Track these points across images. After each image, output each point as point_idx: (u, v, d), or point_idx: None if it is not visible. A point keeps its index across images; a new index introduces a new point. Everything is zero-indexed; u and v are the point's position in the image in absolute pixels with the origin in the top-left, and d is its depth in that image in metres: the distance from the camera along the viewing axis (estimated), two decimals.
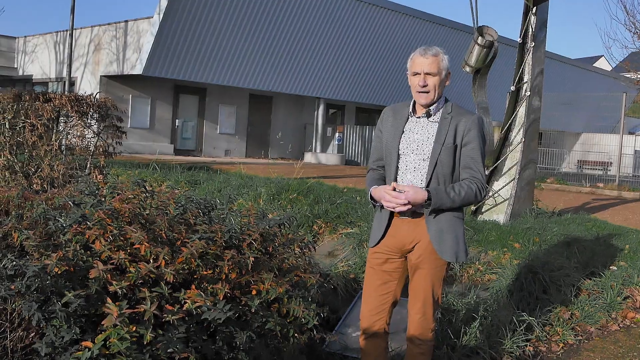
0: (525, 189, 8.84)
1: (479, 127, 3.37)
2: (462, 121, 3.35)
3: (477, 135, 3.35)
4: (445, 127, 3.34)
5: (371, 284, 3.54)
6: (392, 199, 3.24)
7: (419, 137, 3.39)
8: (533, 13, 8.50)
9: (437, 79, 3.31)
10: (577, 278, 6.04)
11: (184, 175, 10.68)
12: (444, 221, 3.34)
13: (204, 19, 20.82)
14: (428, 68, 3.30)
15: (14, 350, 2.64)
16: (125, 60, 21.98)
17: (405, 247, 3.42)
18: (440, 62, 3.32)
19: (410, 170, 3.39)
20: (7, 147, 8.71)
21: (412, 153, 3.39)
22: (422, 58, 3.32)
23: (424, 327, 3.45)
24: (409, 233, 3.39)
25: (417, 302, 3.45)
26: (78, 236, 2.99)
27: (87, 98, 8.84)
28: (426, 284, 3.40)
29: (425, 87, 3.31)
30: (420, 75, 3.32)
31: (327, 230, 7.58)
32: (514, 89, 8.68)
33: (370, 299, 3.53)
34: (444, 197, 3.26)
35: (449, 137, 3.32)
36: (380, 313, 3.50)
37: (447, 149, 3.32)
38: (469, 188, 3.30)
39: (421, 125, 3.42)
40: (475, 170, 3.34)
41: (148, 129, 23.18)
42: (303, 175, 10.77)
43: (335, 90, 26.18)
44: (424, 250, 3.36)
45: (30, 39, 27.36)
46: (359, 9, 24.82)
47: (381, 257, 3.49)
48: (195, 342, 2.90)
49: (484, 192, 3.37)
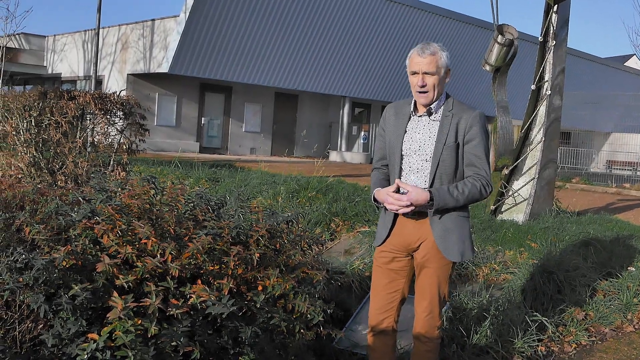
0: (545, 189, 8.79)
1: (481, 123, 3.33)
2: (463, 118, 3.31)
3: (480, 132, 3.31)
4: (447, 125, 3.31)
5: (379, 282, 3.56)
6: (394, 201, 3.24)
7: (421, 137, 3.37)
8: (554, 11, 8.45)
9: (436, 77, 3.28)
10: (593, 278, 6.00)
11: (205, 172, 10.77)
12: (449, 221, 3.33)
13: (229, 18, 20.94)
14: (426, 67, 3.27)
15: (22, 341, 2.71)
16: (151, 58, 22.20)
17: (411, 245, 3.42)
18: (439, 60, 3.28)
19: (413, 171, 3.38)
20: (33, 144, 8.87)
21: (415, 154, 3.38)
22: (419, 57, 3.29)
23: (431, 325, 3.46)
24: (415, 232, 3.39)
25: (423, 300, 3.46)
26: (87, 231, 3.06)
27: (110, 96, 8.97)
28: (432, 282, 3.41)
29: (424, 87, 3.28)
30: (418, 75, 3.29)
31: (344, 229, 7.61)
32: (535, 88, 8.63)
33: (378, 297, 3.55)
34: (446, 196, 3.23)
35: (451, 135, 3.30)
36: (389, 311, 3.53)
37: (448, 148, 3.29)
38: (473, 186, 3.27)
39: (423, 124, 3.40)
40: (479, 167, 3.30)
41: (174, 127, 23.39)
42: (326, 173, 10.80)
43: (361, 89, 26.17)
44: (429, 250, 3.36)
45: (60, 37, 27.74)
46: (386, 7, 24.76)
47: (388, 255, 3.50)
48: (200, 336, 2.95)
49: (489, 189, 3.33)
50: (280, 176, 10.39)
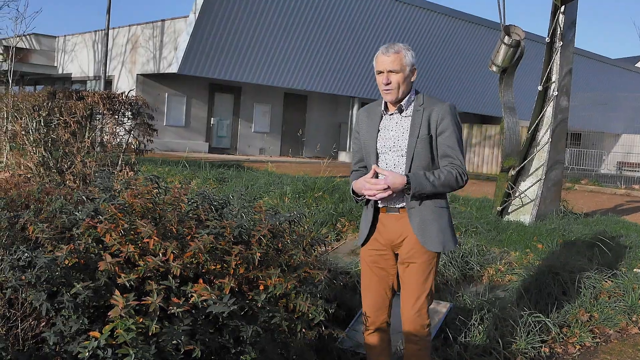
0: (551, 190, 8.77)
1: (452, 114, 3.37)
2: (434, 111, 3.35)
3: (451, 122, 3.35)
4: (419, 119, 3.36)
5: (368, 281, 3.59)
6: (372, 186, 3.29)
7: (394, 134, 3.42)
8: (561, 12, 8.43)
9: (401, 75, 3.34)
10: (599, 280, 5.98)
11: (212, 172, 10.80)
12: (427, 212, 3.35)
13: (239, 18, 20.99)
14: (390, 66, 3.33)
15: (24, 339, 2.74)
16: (161, 59, 22.28)
17: (394, 242, 3.45)
18: (403, 58, 3.35)
19: (390, 167, 3.41)
20: (42, 143, 8.94)
21: (390, 151, 3.42)
22: (384, 56, 3.36)
23: (420, 323, 3.45)
24: (396, 228, 3.42)
25: (410, 298, 3.45)
26: (90, 230, 3.09)
27: (119, 96, 9.01)
28: (418, 279, 3.41)
29: (389, 84, 3.34)
30: (383, 74, 3.36)
31: (350, 229, 7.62)
32: (542, 89, 8.61)
33: (370, 296, 3.58)
34: (423, 181, 3.27)
35: (423, 128, 3.34)
36: (381, 308, 3.56)
37: (422, 140, 3.33)
38: (449, 172, 3.31)
39: (395, 121, 3.44)
40: (454, 157, 3.35)
41: (184, 127, 23.48)
42: (334, 174, 10.82)
43: (370, 90, 26.16)
44: (413, 245, 3.38)
45: (70, 38, 27.89)
46: (395, 8, 24.76)
47: (373, 254, 3.53)
48: (201, 335, 2.97)
49: (465, 178, 3.37)
50: (287, 176, 10.42)
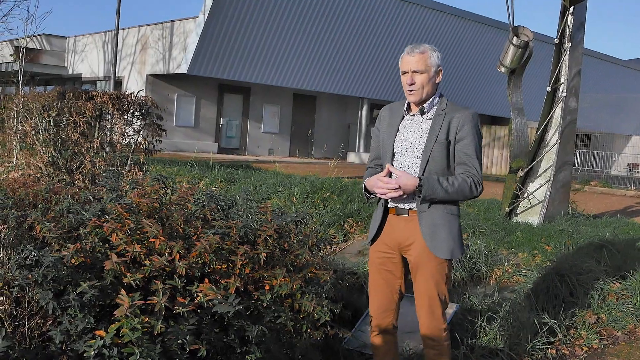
0: (560, 191, 8.74)
1: (474, 122, 3.33)
2: (455, 117, 3.32)
3: (472, 131, 3.31)
4: (439, 123, 3.33)
5: (375, 283, 3.58)
6: (383, 185, 3.27)
7: (413, 135, 3.40)
8: (570, 13, 8.41)
9: (426, 76, 3.32)
10: (607, 282, 5.95)
11: (221, 173, 10.83)
12: (437, 217, 3.32)
13: (248, 19, 21.03)
14: (415, 66, 3.32)
15: (31, 337, 2.76)
16: (171, 59, 22.35)
17: (402, 245, 3.42)
18: (428, 59, 3.33)
19: (404, 168, 3.39)
20: (52, 143, 8.98)
21: (406, 151, 3.40)
22: (408, 56, 3.35)
23: (435, 327, 3.43)
24: (404, 231, 3.39)
25: (423, 303, 3.43)
26: (97, 229, 3.11)
27: (128, 96, 9.04)
28: (429, 284, 3.38)
29: (413, 85, 3.32)
30: (407, 74, 3.35)
31: (358, 230, 7.63)
32: (550, 90, 8.59)
33: (377, 298, 3.56)
34: (435, 185, 3.23)
35: (442, 133, 3.31)
36: (388, 310, 3.54)
37: (439, 145, 3.31)
38: (464, 181, 3.27)
39: (415, 123, 3.42)
40: (470, 166, 3.31)
41: (193, 127, 23.55)
42: (343, 174, 10.82)
43: (379, 90, 26.15)
44: (421, 251, 3.35)
45: (80, 38, 28.01)
46: (404, 9, 24.75)
47: (381, 255, 3.51)
48: (207, 334, 2.98)
49: (479, 188, 3.32)
50: (296, 177, 10.43)
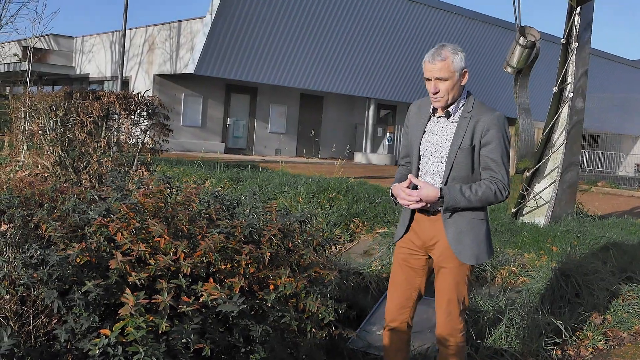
0: (566, 192, 8.72)
1: (500, 125, 3.28)
2: (481, 120, 3.28)
3: (498, 135, 3.27)
4: (463, 128, 3.30)
5: (397, 279, 3.56)
6: (406, 196, 3.28)
7: (438, 139, 3.38)
8: (577, 13, 8.38)
9: (450, 82, 3.26)
10: (613, 282, 5.93)
11: (227, 173, 10.84)
12: (463, 223, 3.31)
13: (255, 19, 21.05)
14: (438, 74, 3.25)
15: (36, 336, 2.78)
16: (178, 59, 22.40)
17: (427, 244, 3.42)
18: (451, 64, 3.24)
19: (430, 172, 3.39)
20: (59, 143, 9.03)
21: (431, 155, 3.39)
22: (430, 64, 3.28)
23: (452, 327, 3.42)
24: (430, 230, 3.39)
25: (442, 301, 3.43)
26: (102, 228, 3.13)
27: (134, 96, 9.07)
28: (449, 283, 3.39)
29: (437, 93, 3.28)
30: (431, 82, 3.29)
31: (363, 230, 7.62)
32: (557, 90, 8.56)
33: (396, 294, 3.55)
34: (457, 195, 3.22)
35: (466, 138, 3.28)
36: (405, 307, 3.52)
37: (463, 151, 3.28)
38: (488, 188, 3.24)
39: (441, 125, 3.39)
40: (496, 172, 3.27)
41: (200, 127, 23.59)
42: (349, 174, 10.81)
43: (386, 91, 26.14)
44: (444, 250, 3.36)
45: (88, 38, 28.09)
46: (411, 9, 24.72)
47: (406, 252, 3.51)
48: (211, 333, 2.99)
49: (505, 193, 3.28)
50: (302, 177, 10.43)
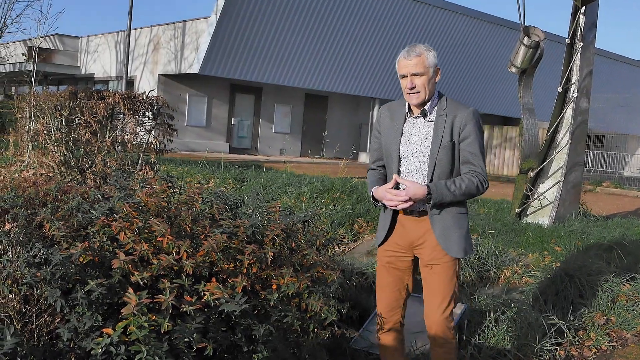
0: (570, 192, 8.71)
1: (475, 120, 3.37)
2: (457, 116, 3.36)
3: (474, 129, 3.36)
4: (442, 125, 3.36)
5: (384, 281, 3.60)
6: (393, 197, 3.30)
7: (417, 139, 3.42)
8: (582, 13, 8.37)
9: (425, 78, 3.34)
10: (616, 283, 5.92)
11: (232, 172, 10.85)
12: (448, 219, 3.38)
13: (260, 19, 21.06)
14: (413, 69, 3.33)
15: (39, 335, 2.79)
16: (182, 59, 22.43)
17: (414, 244, 3.46)
18: (426, 60, 3.34)
19: (412, 173, 3.43)
20: (63, 143, 9.05)
21: (412, 156, 3.42)
22: (406, 60, 3.36)
23: (445, 325, 3.46)
24: (416, 230, 3.43)
25: (435, 300, 3.46)
26: (105, 228, 3.13)
27: (139, 96, 9.09)
28: (441, 282, 3.42)
29: (414, 88, 3.34)
30: (407, 78, 3.35)
31: (367, 230, 7.63)
32: (561, 90, 8.55)
33: (385, 296, 3.59)
34: (444, 191, 3.29)
35: (446, 135, 3.35)
36: (395, 309, 3.57)
37: (445, 148, 3.34)
38: (470, 181, 3.32)
39: (418, 125, 3.44)
40: (475, 165, 3.36)
41: (204, 127, 23.62)
42: (354, 174, 10.82)
43: (391, 91, 26.12)
44: (433, 249, 3.40)
45: (93, 38, 28.14)
46: (416, 9, 24.71)
47: (391, 254, 3.54)
48: (214, 333, 2.99)
49: (485, 185, 3.38)
50: (306, 177, 10.44)
